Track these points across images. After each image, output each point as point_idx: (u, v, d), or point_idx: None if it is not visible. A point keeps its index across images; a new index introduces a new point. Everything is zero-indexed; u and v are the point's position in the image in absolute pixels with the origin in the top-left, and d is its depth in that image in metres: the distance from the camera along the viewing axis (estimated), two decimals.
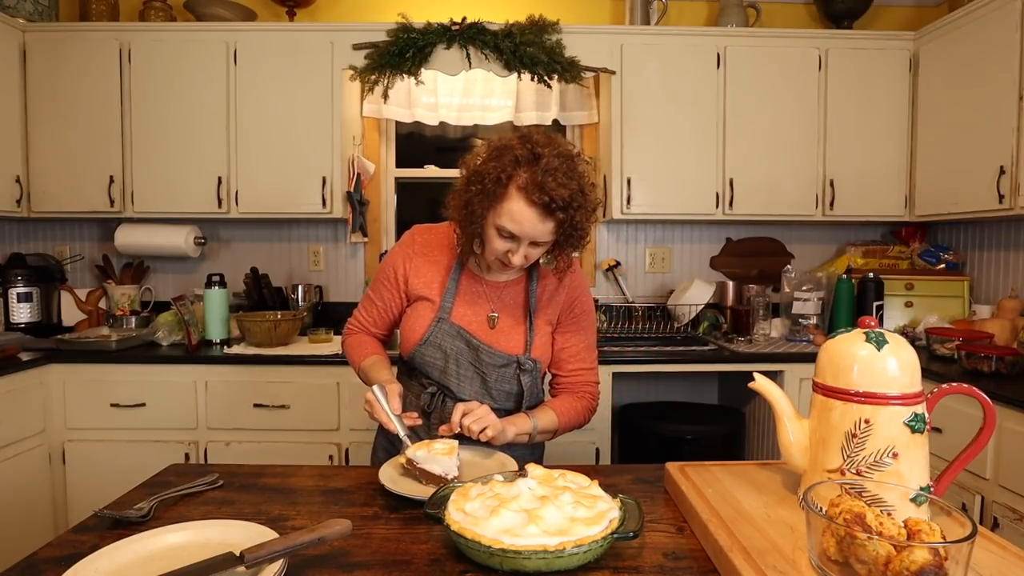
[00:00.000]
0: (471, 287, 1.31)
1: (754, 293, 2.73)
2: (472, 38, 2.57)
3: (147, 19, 2.73)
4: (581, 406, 1.35)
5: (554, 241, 1.19)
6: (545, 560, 0.75)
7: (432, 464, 1.06)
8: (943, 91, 2.51)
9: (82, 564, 0.76)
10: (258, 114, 2.59)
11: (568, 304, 1.34)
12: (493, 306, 1.30)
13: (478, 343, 1.27)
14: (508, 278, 1.33)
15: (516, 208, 1.12)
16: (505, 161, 1.12)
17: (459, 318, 1.28)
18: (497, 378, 1.28)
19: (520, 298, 1.32)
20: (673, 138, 2.64)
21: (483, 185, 1.14)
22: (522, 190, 1.11)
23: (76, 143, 2.59)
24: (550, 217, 1.11)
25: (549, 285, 1.33)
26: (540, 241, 1.16)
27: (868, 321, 0.87)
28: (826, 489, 0.77)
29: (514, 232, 1.14)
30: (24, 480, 2.19)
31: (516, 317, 1.31)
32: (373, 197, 2.99)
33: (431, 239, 1.35)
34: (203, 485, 1.07)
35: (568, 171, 1.12)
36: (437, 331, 1.27)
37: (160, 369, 2.32)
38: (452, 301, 1.29)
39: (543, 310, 1.32)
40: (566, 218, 1.12)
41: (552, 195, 1.08)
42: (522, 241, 1.15)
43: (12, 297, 2.64)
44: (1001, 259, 2.61)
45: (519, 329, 1.30)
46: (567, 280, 1.33)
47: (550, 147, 1.13)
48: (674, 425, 2.52)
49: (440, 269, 1.31)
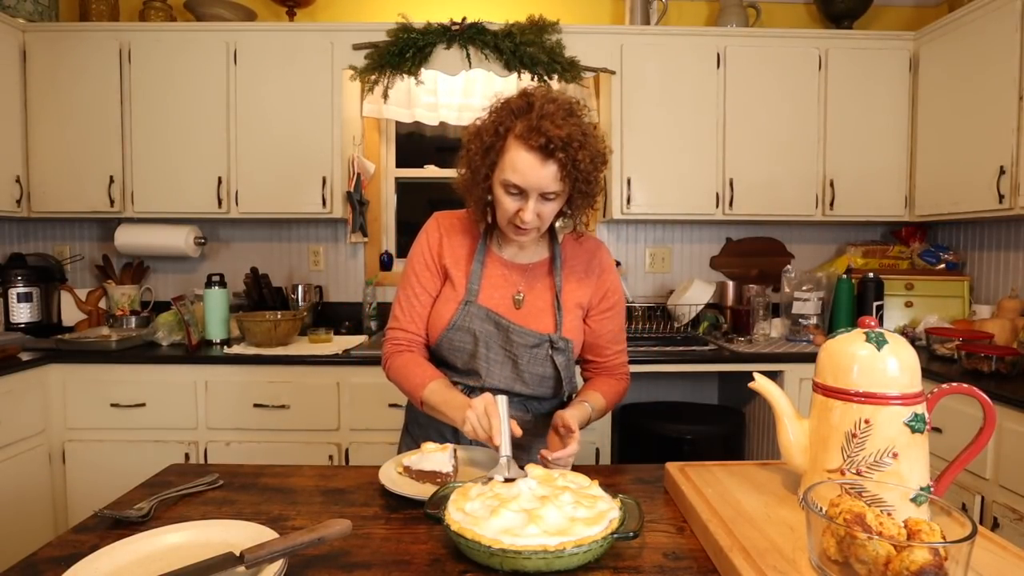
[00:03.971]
0: (496, 270, 1.29)
1: (754, 293, 2.73)
2: (472, 38, 2.57)
3: (147, 19, 2.73)
4: (621, 387, 1.35)
5: (564, 194, 1.16)
6: (545, 560, 0.75)
7: (425, 463, 1.06)
8: (943, 91, 2.51)
9: (82, 564, 0.76)
10: (258, 114, 2.59)
11: (601, 292, 1.32)
12: (519, 287, 1.28)
13: (508, 323, 1.24)
14: (530, 247, 1.30)
15: (516, 157, 1.11)
16: (502, 114, 1.14)
17: (486, 300, 1.26)
18: (529, 360, 1.25)
19: (547, 280, 1.30)
20: (673, 138, 2.64)
21: (482, 141, 1.15)
22: (520, 137, 1.11)
23: (76, 143, 2.59)
24: (551, 159, 1.10)
25: (577, 267, 1.31)
26: (548, 191, 1.13)
27: (868, 321, 0.86)
28: (826, 489, 0.77)
29: (519, 184, 1.12)
30: (24, 480, 2.19)
31: (544, 299, 1.28)
32: (373, 197, 2.99)
33: (454, 223, 1.33)
34: (203, 485, 1.07)
35: (565, 114, 1.11)
36: (465, 314, 1.24)
37: (160, 369, 2.32)
38: (479, 283, 1.26)
39: (571, 292, 1.29)
40: (567, 159, 1.10)
41: (549, 135, 1.07)
42: (529, 194, 1.13)
43: (12, 297, 2.64)
44: (1001, 259, 2.61)
45: (548, 310, 1.27)
46: (595, 266, 1.32)
47: (545, 95, 1.14)
48: (674, 425, 2.52)
49: (465, 252, 1.29)
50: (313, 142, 2.60)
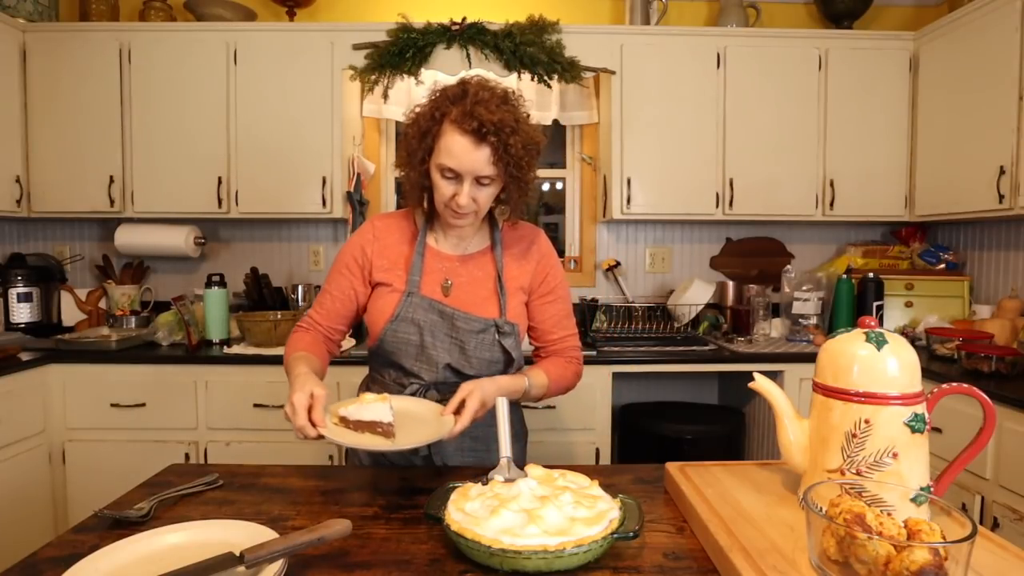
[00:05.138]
0: (436, 263, 1.30)
1: (754, 293, 2.73)
2: (472, 38, 2.57)
3: (147, 19, 2.73)
4: (571, 370, 1.36)
5: (499, 180, 1.19)
6: (545, 560, 0.75)
7: (365, 413, 1.05)
8: (943, 91, 2.51)
9: (82, 564, 0.76)
10: (258, 114, 2.59)
11: (541, 275, 1.34)
12: (449, 276, 1.30)
13: (452, 310, 1.25)
14: (469, 237, 1.32)
15: (451, 141, 1.15)
16: (439, 101, 1.18)
17: (428, 291, 1.28)
18: (476, 345, 1.26)
19: (488, 267, 1.32)
20: (673, 138, 2.64)
21: (420, 127, 1.19)
22: (454, 122, 1.14)
23: (76, 143, 2.59)
24: (483, 143, 1.13)
25: (515, 252, 1.34)
26: (482, 175, 1.16)
27: (868, 321, 0.86)
28: (826, 489, 0.77)
29: (453, 167, 1.15)
30: (24, 480, 2.19)
31: (487, 286, 1.30)
32: (373, 197, 2.99)
33: (391, 223, 1.35)
34: (203, 485, 1.07)
35: (499, 101, 1.16)
36: (408, 305, 1.25)
37: (160, 369, 2.32)
38: (419, 275, 1.28)
39: (512, 276, 1.32)
40: (499, 143, 1.13)
41: (482, 119, 1.11)
42: (464, 178, 1.16)
43: (12, 297, 2.64)
44: (1001, 259, 2.61)
45: (491, 297, 1.29)
46: (534, 251, 1.34)
47: (480, 83, 1.18)
48: (674, 425, 2.52)
49: (402, 252, 1.31)
50: (313, 142, 2.60)
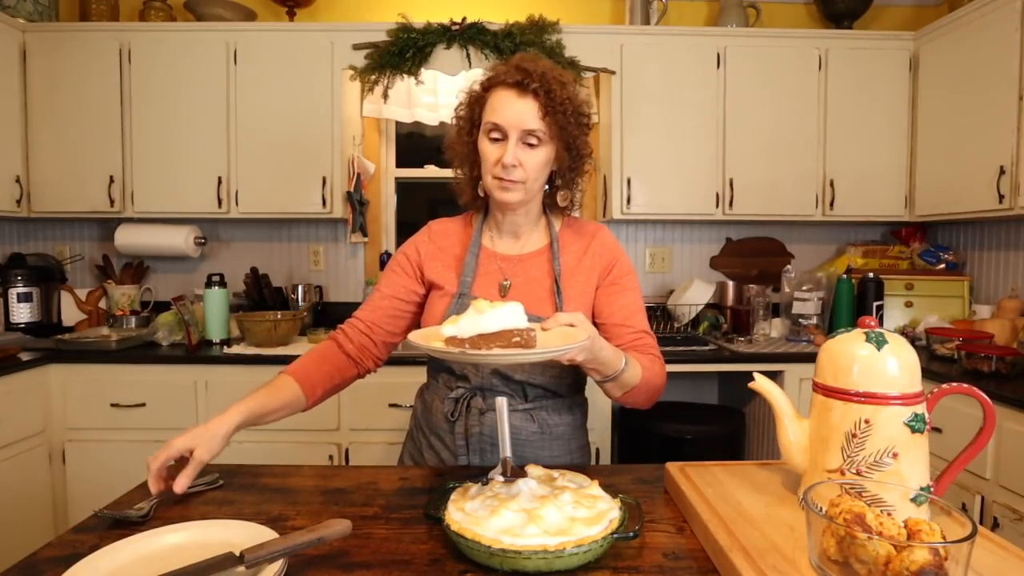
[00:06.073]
0: (492, 264, 1.26)
1: (754, 293, 2.73)
2: (472, 38, 2.57)
3: (147, 19, 2.73)
4: (658, 364, 1.19)
5: (548, 143, 1.15)
6: (545, 560, 0.75)
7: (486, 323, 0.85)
8: (943, 91, 2.51)
9: (82, 564, 0.76)
10: (258, 114, 2.59)
11: (606, 267, 1.26)
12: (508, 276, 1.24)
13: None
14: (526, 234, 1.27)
15: (495, 98, 1.15)
16: (488, 76, 1.19)
17: (480, 292, 1.23)
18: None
19: (545, 267, 1.25)
20: (673, 138, 2.64)
21: (470, 96, 1.21)
22: (499, 83, 1.15)
23: (76, 143, 2.59)
24: (527, 93, 1.11)
25: (576, 248, 1.27)
26: (528, 128, 1.12)
27: (868, 321, 0.86)
28: (826, 489, 0.77)
29: (498, 123, 1.13)
30: (24, 480, 2.19)
31: (544, 286, 1.23)
32: (373, 197, 2.99)
33: (448, 226, 1.32)
34: (203, 485, 1.07)
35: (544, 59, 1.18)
36: (459, 307, 1.20)
37: (160, 369, 2.32)
38: (472, 276, 1.23)
39: (572, 278, 1.24)
40: (545, 96, 1.11)
41: (527, 67, 1.12)
42: (510, 134, 1.13)
43: (12, 297, 2.64)
44: (1001, 259, 2.61)
45: (547, 297, 1.22)
46: (596, 245, 1.27)
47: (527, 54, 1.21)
48: (674, 425, 2.52)
49: (456, 254, 1.28)
50: (313, 142, 2.60)
